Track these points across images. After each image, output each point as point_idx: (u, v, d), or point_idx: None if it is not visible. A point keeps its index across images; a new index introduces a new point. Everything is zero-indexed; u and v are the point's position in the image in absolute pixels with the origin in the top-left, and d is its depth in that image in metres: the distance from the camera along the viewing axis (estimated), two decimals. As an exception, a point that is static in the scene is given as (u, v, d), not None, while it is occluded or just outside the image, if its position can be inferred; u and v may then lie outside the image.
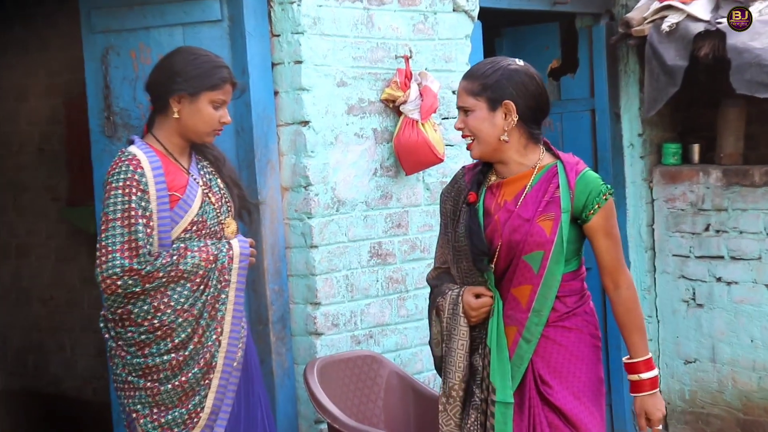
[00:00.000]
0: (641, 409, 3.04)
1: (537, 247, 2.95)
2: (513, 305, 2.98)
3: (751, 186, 5.30)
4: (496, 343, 2.96)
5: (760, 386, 5.32)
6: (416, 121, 4.26)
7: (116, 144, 4.12)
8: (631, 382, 3.06)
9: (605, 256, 3.03)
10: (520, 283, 2.97)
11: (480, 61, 3.14)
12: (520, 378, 2.98)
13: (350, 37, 4.20)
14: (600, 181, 3.03)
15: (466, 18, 4.62)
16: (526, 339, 2.97)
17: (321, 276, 4.11)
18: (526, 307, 2.97)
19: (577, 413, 2.97)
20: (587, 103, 5.67)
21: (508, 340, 2.97)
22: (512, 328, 2.98)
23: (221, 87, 3.25)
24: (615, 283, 3.05)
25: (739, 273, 5.36)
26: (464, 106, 3.03)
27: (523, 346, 2.97)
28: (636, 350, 3.03)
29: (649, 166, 5.68)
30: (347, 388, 4.02)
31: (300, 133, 4.08)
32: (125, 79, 4.10)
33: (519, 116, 2.98)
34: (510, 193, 3.02)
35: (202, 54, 3.29)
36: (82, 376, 6.32)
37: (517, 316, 2.98)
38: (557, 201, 2.98)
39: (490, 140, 3.00)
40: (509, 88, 2.98)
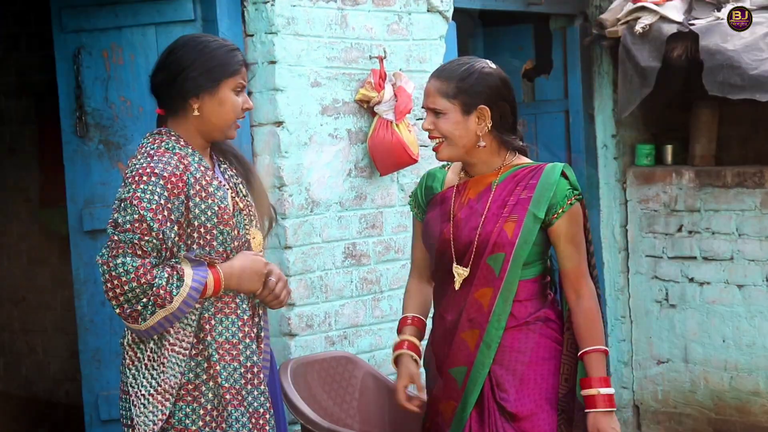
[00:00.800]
0: (594, 428, 2.89)
1: (498, 249, 2.89)
2: (475, 308, 2.92)
3: (724, 187, 5.34)
4: None
5: (732, 386, 5.36)
6: (390, 122, 4.26)
7: (88, 144, 4.09)
8: (586, 398, 2.90)
9: (566, 263, 2.93)
10: (482, 285, 2.92)
11: (450, 61, 3.04)
12: (481, 386, 2.91)
13: (324, 37, 4.19)
14: (567, 186, 2.93)
15: (440, 18, 4.62)
16: (487, 344, 2.91)
17: (295, 277, 4.09)
18: (488, 311, 2.91)
19: (534, 421, 2.89)
20: (561, 104, 5.68)
21: (470, 344, 2.92)
22: (474, 332, 2.92)
23: (240, 71, 2.89)
24: (577, 292, 2.94)
25: (712, 273, 5.39)
26: (435, 108, 2.93)
27: (484, 351, 2.91)
28: (596, 367, 2.90)
29: (622, 167, 5.70)
30: (321, 389, 4.00)
31: (274, 133, 4.06)
32: (97, 79, 4.07)
33: (492, 121, 2.92)
34: (474, 192, 2.98)
35: (210, 40, 2.91)
36: (54, 378, 6.27)
37: (478, 319, 2.92)
38: (523, 203, 2.91)
39: (463, 143, 2.93)
40: (485, 93, 2.91)
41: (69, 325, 5.49)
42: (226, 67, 2.86)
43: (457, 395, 2.95)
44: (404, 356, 3.07)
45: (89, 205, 4.10)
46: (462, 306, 2.94)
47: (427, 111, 2.97)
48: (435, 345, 3.05)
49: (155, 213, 2.69)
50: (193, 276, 2.73)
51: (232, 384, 2.76)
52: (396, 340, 3.14)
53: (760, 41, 4.94)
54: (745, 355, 5.30)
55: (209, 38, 2.93)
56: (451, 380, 2.97)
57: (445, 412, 2.97)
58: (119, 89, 4.07)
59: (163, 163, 2.75)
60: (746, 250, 5.27)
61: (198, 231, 2.76)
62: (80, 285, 4.12)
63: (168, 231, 2.71)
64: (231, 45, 2.93)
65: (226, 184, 2.89)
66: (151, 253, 2.70)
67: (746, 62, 4.87)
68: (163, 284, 2.69)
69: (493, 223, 2.91)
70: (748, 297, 5.29)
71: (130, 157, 2.84)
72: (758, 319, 5.26)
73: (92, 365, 4.12)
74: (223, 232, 2.78)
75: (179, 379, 2.75)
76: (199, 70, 2.84)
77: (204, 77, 2.84)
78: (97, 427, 4.10)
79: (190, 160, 2.80)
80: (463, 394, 2.93)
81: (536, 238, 2.91)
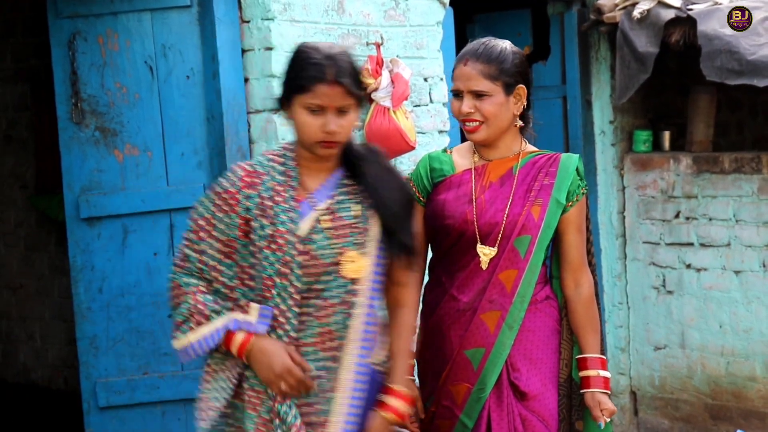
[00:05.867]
0: (595, 401, 2.99)
1: (525, 231, 2.94)
2: (498, 289, 2.94)
3: (721, 173, 5.33)
4: None
5: (728, 371, 5.37)
6: (388, 109, 4.25)
7: (84, 131, 4.07)
8: (588, 378, 3.00)
9: (573, 251, 3.00)
10: (507, 267, 2.94)
11: (476, 43, 3.01)
12: (501, 367, 2.94)
13: (321, 23, 4.17)
14: (579, 176, 3.02)
15: (437, 4, 4.60)
16: (509, 325, 2.94)
17: (292, 264, 4.08)
18: (511, 292, 2.95)
19: (541, 400, 2.96)
20: (559, 90, 5.67)
21: (490, 326, 2.94)
22: (495, 313, 2.94)
23: (311, 89, 2.64)
24: (577, 281, 3.01)
25: (709, 260, 5.39)
26: (478, 90, 2.92)
27: (506, 333, 2.94)
28: (594, 348, 3.01)
29: (620, 154, 5.69)
30: (319, 376, 4.00)
31: (271, 120, 4.05)
32: (93, 65, 4.06)
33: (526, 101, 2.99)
34: (495, 176, 2.99)
35: (313, 49, 2.70)
36: (52, 365, 6.28)
37: (501, 300, 2.95)
38: (546, 188, 2.96)
39: (503, 125, 2.96)
40: (520, 73, 2.97)
41: (67, 312, 5.49)
42: (296, 81, 2.68)
43: (472, 377, 2.95)
44: None
45: (86, 192, 4.09)
46: (483, 286, 2.95)
47: (466, 94, 2.94)
48: (443, 326, 3.00)
49: (198, 226, 2.72)
50: (225, 322, 2.70)
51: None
52: None
53: (758, 26, 4.92)
54: (741, 340, 5.31)
55: (317, 47, 2.72)
56: (465, 362, 2.96)
57: (457, 395, 2.96)
58: (115, 75, 4.05)
59: (226, 177, 2.76)
60: (743, 236, 5.27)
61: (255, 249, 2.70)
62: (77, 272, 4.12)
63: (206, 246, 2.71)
64: (322, 60, 2.66)
65: (305, 206, 2.71)
66: (189, 263, 2.73)
67: (744, 47, 4.86)
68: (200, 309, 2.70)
69: (521, 206, 2.95)
70: (745, 283, 5.29)
71: None
72: (755, 304, 5.26)
73: (89, 352, 4.12)
74: (272, 255, 2.67)
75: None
76: (283, 80, 2.74)
77: (284, 88, 2.73)
78: (95, 414, 4.10)
79: (266, 178, 2.72)
80: (481, 376, 2.94)
81: (555, 222, 2.98)
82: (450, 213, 2.98)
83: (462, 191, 2.99)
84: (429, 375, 3.04)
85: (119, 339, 4.11)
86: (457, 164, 3.04)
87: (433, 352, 3.03)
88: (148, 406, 4.08)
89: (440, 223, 3.00)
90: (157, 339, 4.10)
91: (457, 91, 2.97)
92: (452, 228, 2.97)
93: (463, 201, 2.97)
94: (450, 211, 2.98)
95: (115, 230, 4.08)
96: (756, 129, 6.30)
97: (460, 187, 3.00)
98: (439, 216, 3.00)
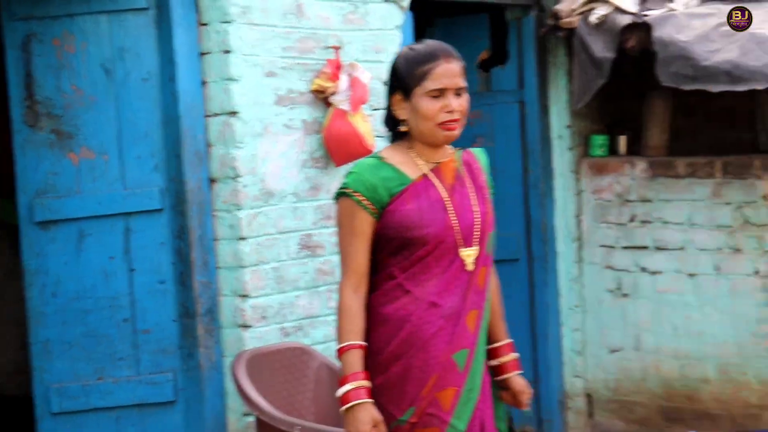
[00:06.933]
0: (521, 385, 3.10)
1: (491, 227, 2.98)
2: (475, 289, 2.94)
3: (676, 177, 5.39)
4: None
5: (682, 374, 5.43)
6: (346, 113, 4.25)
7: (38, 134, 4.04)
8: (510, 362, 3.09)
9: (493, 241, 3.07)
10: (483, 265, 2.96)
11: (429, 42, 2.97)
12: (483, 364, 2.97)
13: (279, 26, 4.16)
14: None
15: (396, 8, 4.61)
16: (486, 321, 2.98)
17: (250, 268, 4.08)
18: (483, 289, 2.96)
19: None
20: (516, 95, 5.70)
21: (470, 326, 2.94)
22: (474, 312, 2.94)
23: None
24: (492, 270, 3.07)
25: (663, 263, 5.45)
26: (462, 86, 2.91)
27: (483, 329, 2.97)
28: (506, 333, 3.11)
29: (577, 158, 5.73)
30: (276, 380, 4.00)
31: (228, 123, 4.04)
32: (48, 67, 4.02)
33: None
34: (450, 177, 2.98)
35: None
36: (5, 371, 6.20)
37: (477, 299, 2.95)
38: (484, 183, 3.02)
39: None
40: None
41: (20, 316, 5.42)
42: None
43: (459, 379, 2.92)
44: (366, 406, 2.84)
45: (40, 195, 4.05)
46: (466, 288, 2.93)
47: (450, 92, 2.89)
48: (426, 335, 2.91)
49: None
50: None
51: None
52: (345, 372, 2.85)
53: (712, 32, 4.98)
54: (695, 343, 5.37)
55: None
56: (452, 366, 2.92)
57: (444, 401, 2.91)
58: (71, 78, 4.02)
59: None
60: (697, 239, 5.33)
61: None
62: (31, 276, 4.08)
63: None
64: None
65: None
66: None
67: (698, 53, 4.91)
68: None
69: (482, 203, 2.98)
70: (698, 286, 5.35)
71: None
72: (708, 307, 5.32)
73: (43, 357, 4.08)
74: None
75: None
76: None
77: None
78: (47, 420, 4.06)
79: None
80: (468, 377, 2.93)
81: None
82: (429, 221, 2.90)
83: (433, 197, 2.93)
84: (409, 386, 2.92)
85: (74, 343, 4.08)
86: (407, 171, 2.95)
87: (413, 362, 2.92)
88: (103, 411, 4.06)
89: (417, 234, 2.90)
90: (112, 343, 4.08)
91: (442, 89, 2.88)
92: (431, 236, 2.90)
93: (438, 207, 2.92)
94: (428, 219, 2.90)
95: (70, 234, 4.05)
96: (710, 134, 6.36)
97: (427, 193, 2.93)
98: (415, 226, 2.90)
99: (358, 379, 2.84)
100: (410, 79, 2.89)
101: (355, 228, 2.90)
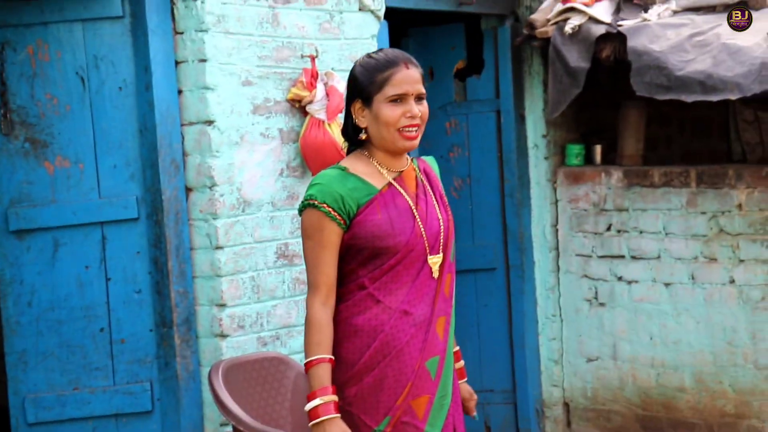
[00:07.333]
0: (469, 392, 3.15)
1: (453, 234, 2.99)
2: (442, 296, 2.95)
3: (651, 186, 5.42)
4: None
5: (658, 382, 5.45)
6: (322, 122, 4.25)
7: (13, 142, 4.01)
8: (459, 370, 3.12)
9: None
10: (447, 272, 2.96)
11: (390, 49, 2.97)
12: (453, 370, 2.99)
13: (255, 35, 4.16)
14: None
15: (372, 18, 4.62)
16: (453, 327, 2.99)
17: (226, 277, 4.06)
18: (449, 296, 2.97)
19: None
20: (492, 104, 5.72)
21: (440, 333, 2.94)
22: (442, 319, 2.95)
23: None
24: None
25: (639, 272, 5.47)
26: (422, 92, 2.90)
27: (451, 335, 2.98)
28: (454, 341, 3.10)
29: (553, 167, 5.76)
30: (253, 390, 3.98)
31: (205, 132, 4.03)
32: (23, 75, 4.00)
33: None
34: (412, 186, 2.97)
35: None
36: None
37: (444, 306, 2.96)
38: (441, 191, 3.04)
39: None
40: None
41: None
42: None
43: (432, 387, 2.92)
44: (336, 421, 2.80)
45: (15, 205, 4.02)
46: (434, 295, 2.94)
47: (411, 98, 2.88)
48: (399, 344, 2.90)
49: None
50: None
51: None
52: (313, 386, 2.81)
53: (686, 42, 5.02)
54: (671, 352, 5.39)
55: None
56: (425, 373, 2.92)
57: (418, 408, 2.91)
58: (46, 86, 4.00)
59: None
60: (673, 248, 5.36)
61: None
62: (5, 286, 4.04)
63: None
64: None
65: None
66: None
67: (672, 63, 4.95)
68: None
69: (444, 211, 2.99)
70: (674, 295, 5.38)
71: None
72: (684, 316, 5.35)
73: (18, 367, 4.04)
74: None
75: None
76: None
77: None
78: (23, 430, 4.03)
79: None
80: (440, 383, 2.94)
81: None
82: (399, 230, 2.90)
83: (401, 206, 2.93)
84: (384, 396, 2.90)
85: (49, 353, 4.05)
86: (372, 181, 2.92)
87: (387, 371, 2.91)
88: (79, 421, 4.03)
89: (389, 243, 2.89)
90: (87, 353, 4.05)
91: (402, 95, 2.87)
92: (402, 244, 2.89)
93: (408, 216, 2.92)
94: (399, 228, 2.90)
95: (45, 243, 4.02)
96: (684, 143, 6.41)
97: (395, 202, 2.93)
98: (386, 235, 2.88)
99: (327, 394, 2.81)
100: (370, 86, 2.87)
101: (323, 240, 2.86)
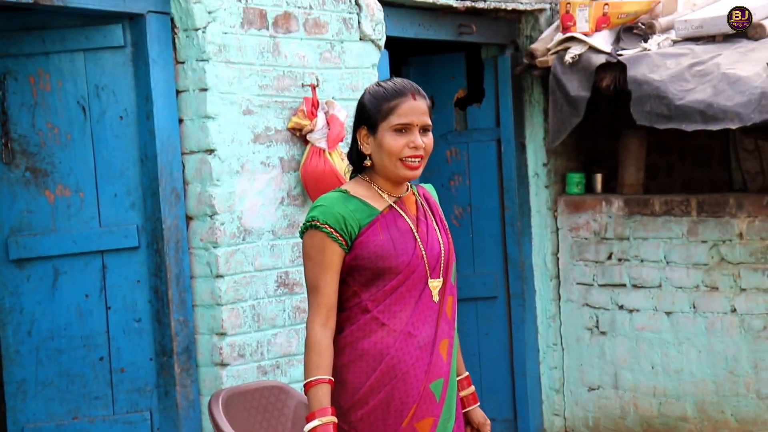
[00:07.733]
0: (482, 417, 3.14)
1: (454, 258, 3.01)
2: (444, 319, 2.97)
3: (652, 215, 5.42)
4: None
5: (660, 411, 5.42)
6: (323, 150, 4.26)
7: (14, 171, 4.02)
8: (470, 396, 3.14)
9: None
10: (449, 295, 2.98)
11: (399, 79, 3.00)
12: (456, 393, 3.00)
13: (256, 64, 4.18)
14: None
15: (372, 47, 4.64)
16: (456, 350, 3.00)
17: (227, 306, 4.05)
18: (452, 318, 2.99)
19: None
20: (493, 133, 5.73)
21: (443, 355, 2.96)
22: (445, 342, 2.96)
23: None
24: None
25: (641, 301, 5.46)
26: (428, 124, 2.93)
27: (454, 358, 3.00)
28: (463, 367, 3.14)
29: (553, 196, 5.76)
30: (254, 419, 3.96)
31: (205, 161, 4.03)
32: (24, 105, 4.01)
33: None
34: (413, 209, 3.00)
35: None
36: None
37: (447, 328, 2.97)
38: (442, 216, 3.06)
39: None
40: None
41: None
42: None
43: (437, 409, 2.93)
44: None
45: (15, 234, 4.02)
46: (436, 318, 2.95)
47: (416, 129, 2.91)
48: (405, 366, 2.91)
49: None
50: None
51: None
52: (312, 407, 2.81)
53: (686, 72, 5.03)
54: (673, 381, 5.37)
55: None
56: (430, 396, 2.93)
57: (422, 431, 2.92)
58: (47, 115, 4.01)
59: None
60: (674, 277, 5.35)
61: None
62: (5, 315, 4.04)
63: None
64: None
65: None
66: None
67: (672, 92, 4.96)
68: None
69: (445, 234, 3.01)
70: (675, 324, 5.36)
71: None
72: (686, 345, 5.33)
73: (17, 397, 4.03)
74: None
75: None
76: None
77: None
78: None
79: None
80: (444, 406, 2.94)
81: None
82: (401, 250, 2.92)
83: (402, 228, 2.95)
84: (390, 419, 2.90)
85: (48, 383, 4.03)
86: (373, 203, 2.95)
87: (393, 394, 2.91)
88: (78, 451, 4.01)
89: (391, 263, 2.91)
90: (87, 382, 4.04)
91: (407, 125, 2.90)
92: (404, 265, 2.91)
93: (409, 238, 2.94)
94: (401, 248, 2.92)
95: (46, 272, 4.02)
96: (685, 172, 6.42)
97: (396, 223, 2.95)
98: (389, 255, 2.90)
99: (326, 415, 2.81)
100: (376, 114, 2.90)
101: (325, 261, 2.88)
